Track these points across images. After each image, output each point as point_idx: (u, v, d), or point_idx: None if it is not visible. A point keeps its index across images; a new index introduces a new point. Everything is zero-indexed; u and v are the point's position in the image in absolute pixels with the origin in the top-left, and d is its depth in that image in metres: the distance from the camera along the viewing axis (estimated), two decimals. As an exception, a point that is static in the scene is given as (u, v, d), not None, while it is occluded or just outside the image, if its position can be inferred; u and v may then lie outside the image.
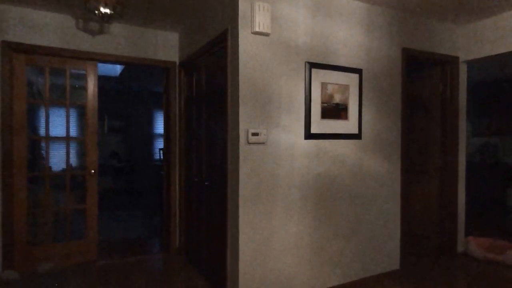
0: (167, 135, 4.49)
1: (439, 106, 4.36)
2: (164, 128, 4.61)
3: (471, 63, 4.30)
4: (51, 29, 3.78)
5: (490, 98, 7.50)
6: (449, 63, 4.19)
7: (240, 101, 2.81)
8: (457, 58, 4.18)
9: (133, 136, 9.72)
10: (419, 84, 4.53)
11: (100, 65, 4.22)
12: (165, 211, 4.58)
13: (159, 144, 9.87)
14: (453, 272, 3.87)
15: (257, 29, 2.83)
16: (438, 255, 4.30)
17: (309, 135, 3.13)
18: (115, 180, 8.93)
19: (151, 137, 10.03)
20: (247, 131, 2.81)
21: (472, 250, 4.24)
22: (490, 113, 7.56)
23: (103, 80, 7.43)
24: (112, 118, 9.34)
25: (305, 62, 3.12)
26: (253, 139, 2.82)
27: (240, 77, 2.81)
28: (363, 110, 3.46)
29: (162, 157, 8.49)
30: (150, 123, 10.06)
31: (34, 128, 5.33)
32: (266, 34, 2.90)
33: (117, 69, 7.77)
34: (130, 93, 9.56)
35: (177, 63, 4.43)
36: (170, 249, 4.45)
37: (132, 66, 6.50)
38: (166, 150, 4.54)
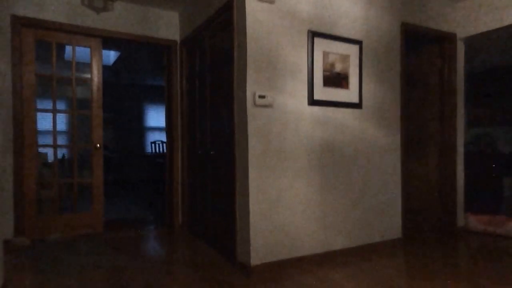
0: (169, 113, 4.56)
1: (437, 83, 4.47)
2: (166, 106, 4.67)
3: (468, 40, 4.42)
4: (58, 5, 3.86)
5: (485, 88, 7.64)
6: (446, 40, 4.30)
7: (248, 65, 2.89)
8: (454, 35, 4.30)
9: (124, 129, 9.76)
10: (418, 62, 4.64)
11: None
12: (167, 188, 4.65)
13: (151, 137, 9.95)
14: (454, 242, 4.00)
15: (262, -4, 2.92)
16: (438, 228, 4.41)
17: (312, 102, 3.22)
18: (106, 172, 8.96)
19: (143, 130, 10.09)
20: (254, 93, 2.89)
21: (472, 225, 4.34)
22: (485, 103, 7.69)
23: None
24: (104, 110, 9.35)
25: (308, 30, 3.21)
26: (260, 101, 2.90)
27: (247, 42, 2.89)
28: (363, 80, 3.56)
29: (154, 151, 8.62)
30: (142, 116, 10.12)
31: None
32: (271, 2, 2.99)
33: (110, 58, 7.83)
34: (123, 86, 9.60)
35: (178, 42, 4.51)
36: (173, 225, 4.52)
37: (126, 50, 6.61)
38: (168, 128, 4.61)
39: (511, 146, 7.41)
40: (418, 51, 4.60)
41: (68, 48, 4.23)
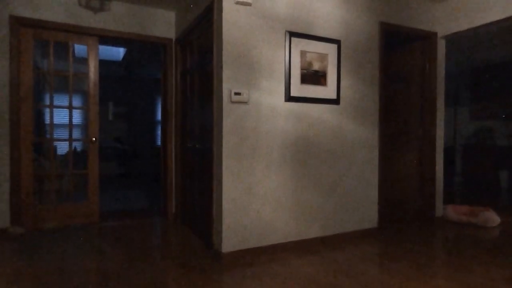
0: (164, 107, 4.80)
1: (419, 80, 4.62)
2: (161, 101, 4.92)
3: (449, 38, 4.55)
4: (55, 5, 4.11)
5: (485, 83, 7.75)
6: (427, 38, 4.45)
7: (224, 64, 3.11)
8: (435, 33, 4.44)
9: (136, 122, 10.10)
10: (401, 59, 4.80)
11: (103, 49, 4.53)
12: (162, 179, 4.91)
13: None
14: (428, 230, 4.18)
15: (239, -1, 3.13)
16: (417, 218, 4.58)
17: (289, 98, 3.42)
18: (119, 163, 9.29)
19: (153, 123, 10.40)
20: (230, 91, 3.11)
21: (449, 215, 4.54)
22: (485, 97, 7.81)
23: (106, 65, 7.75)
24: (116, 104, 9.74)
25: (286, 31, 3.41)
26: (235, 98, 3.12)
27: (223, 43, 3.11)
28: (341, 77, 3.74)
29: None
30: (153, 109, 10.43)
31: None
32: (248, 4, 3.19)
33: (120, 53, 8.07)
34: (134, 80, 9.91)
35: (174, 40, 4.73)
36: (167, 215, 4.78)
37: (133, 46, 6.83)
38: (163, 121, 4.85)
39: (506, 139, 7.53)
40: (401, 49, 4.75)
41: (77, 46, 4.49)
